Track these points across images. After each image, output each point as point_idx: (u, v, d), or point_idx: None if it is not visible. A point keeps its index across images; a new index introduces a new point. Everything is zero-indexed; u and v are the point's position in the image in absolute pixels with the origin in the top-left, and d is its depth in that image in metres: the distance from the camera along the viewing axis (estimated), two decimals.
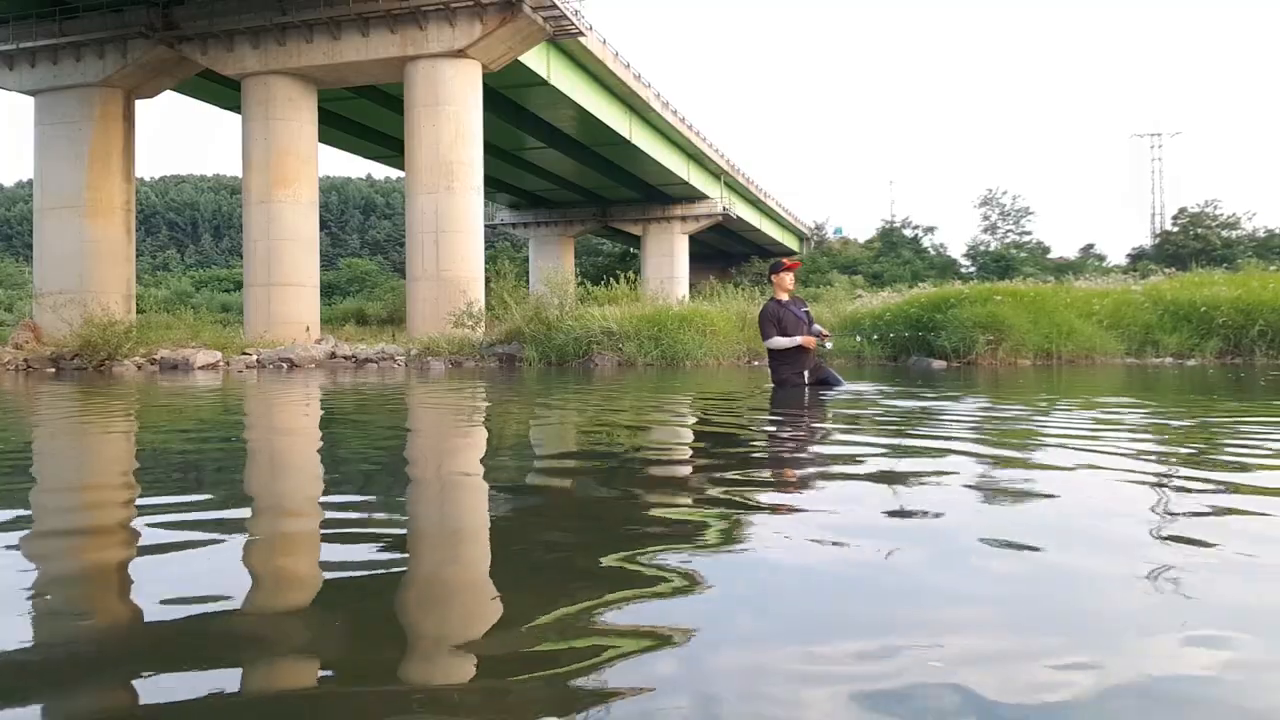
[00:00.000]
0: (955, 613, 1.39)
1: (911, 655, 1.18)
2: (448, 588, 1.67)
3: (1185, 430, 4.11)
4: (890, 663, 1.15)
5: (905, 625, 1.33)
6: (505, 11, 23.35)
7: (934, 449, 3.38)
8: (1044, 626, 1.33)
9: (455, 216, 24.39)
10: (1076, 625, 1.33)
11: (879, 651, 1.20)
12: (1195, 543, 1.80)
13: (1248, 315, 14.33)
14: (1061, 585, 1.55)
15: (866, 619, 1.37)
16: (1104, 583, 1.55)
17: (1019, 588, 1.54)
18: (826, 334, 7.08)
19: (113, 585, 1.70)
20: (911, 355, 14.60)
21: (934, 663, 1.15)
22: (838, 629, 1.33)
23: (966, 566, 1.68)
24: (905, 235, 60.89)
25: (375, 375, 13.92)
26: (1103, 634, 1.29)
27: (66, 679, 1.18)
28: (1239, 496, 2.37)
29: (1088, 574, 1.62)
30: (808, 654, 1.21)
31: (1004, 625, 1.34)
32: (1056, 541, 1.85)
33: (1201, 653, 1.20)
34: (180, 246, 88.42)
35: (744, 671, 1.15)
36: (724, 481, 2.68)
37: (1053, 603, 1.46)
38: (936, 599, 1.46)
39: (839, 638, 1.29)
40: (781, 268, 7.16)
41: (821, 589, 1.55)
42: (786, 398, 6.26)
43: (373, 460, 3.78)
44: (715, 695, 1.07)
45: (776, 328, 6.99)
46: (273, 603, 1.59)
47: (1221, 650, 1.21)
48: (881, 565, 1.66)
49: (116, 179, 26.71)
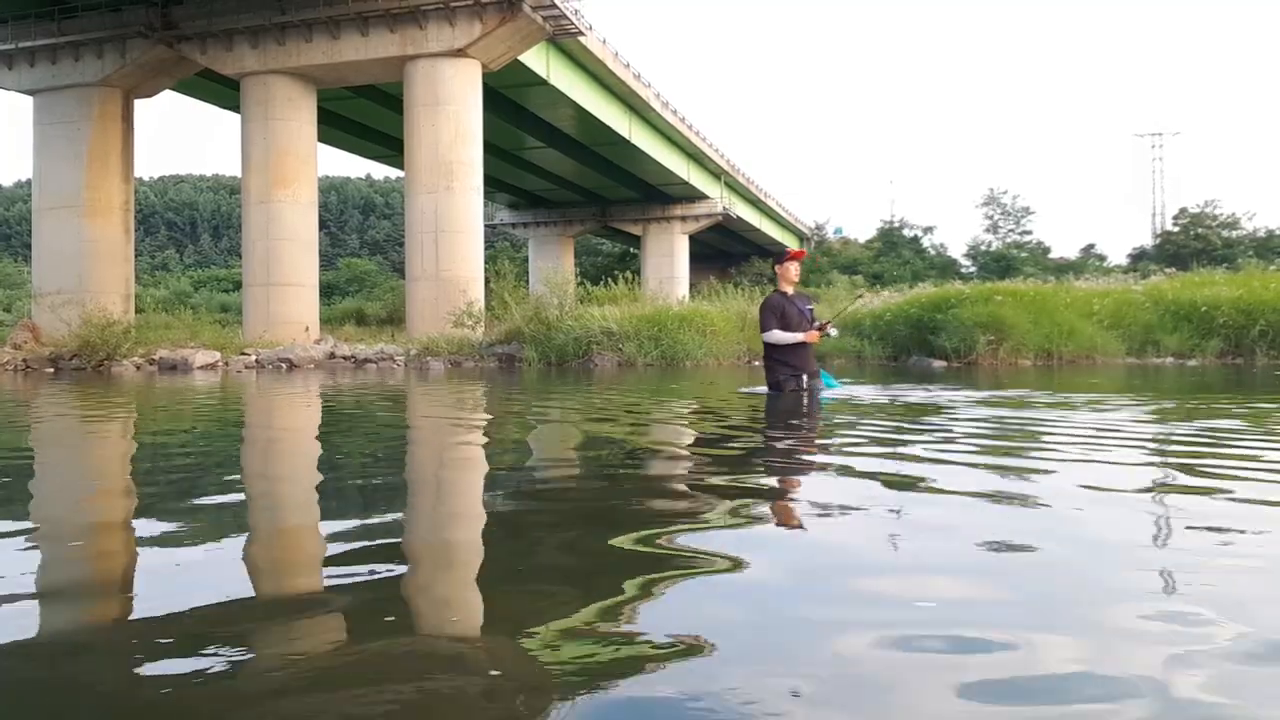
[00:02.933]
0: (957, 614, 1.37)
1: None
2: (447, 588, 1.66)
3: (1185, 429, 4.09)
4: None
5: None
6: (505, 11, 23.34)
7: (937, 457, 3.35)
8: (1045, 626, 1.31)
9: (455, 216, 24.37)
10: (1079, 627, 1.31)
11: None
12: (1199, 533, 1.78)
13: (1249, 315, 14.32)
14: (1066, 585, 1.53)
15: (860, 622, 1.35)
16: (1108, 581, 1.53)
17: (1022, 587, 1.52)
18: (829, 323, 6.67)
19: (112, 587, 1.69)
20: (912, 355, 14.59)
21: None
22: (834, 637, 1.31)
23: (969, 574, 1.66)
24: (905, 235, 60.87)
25: (374, 376, 13.90)
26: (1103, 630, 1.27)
27: (67, 680, 1.17)
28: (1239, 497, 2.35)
29: (1088, 572, 1.60)
30: (802, 674, 1.19)
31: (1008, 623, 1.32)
32: (1056, 541, 1.83)
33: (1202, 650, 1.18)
34: (179, 246, 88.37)
35: (742, 686, 1.13)
36: (719, 488, 2.66)
37: (1058, 604, 1.43)
38: (937, 611, 1.44)
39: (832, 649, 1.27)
40: (786, 257, 6.73)
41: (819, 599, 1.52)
42: (780, 405, 5.86)
43: (372, 461, 3.76)
44: (714, 708, 1.06)
45: (778, 320, 6.48)
46: (272, 603, 1.58)
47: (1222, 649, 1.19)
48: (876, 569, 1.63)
49: (115, 179, 26.69)
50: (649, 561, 1.72)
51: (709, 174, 47.82)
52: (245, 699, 1.10)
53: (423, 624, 1.44)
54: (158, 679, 1.16)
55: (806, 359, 6.55)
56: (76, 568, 1.82)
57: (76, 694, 1.13)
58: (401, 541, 2.05)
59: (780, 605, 1.45)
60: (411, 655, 1.27)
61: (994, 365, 13.17)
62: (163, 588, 1.62)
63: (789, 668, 1.15)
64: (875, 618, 1.34)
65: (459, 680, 1.17)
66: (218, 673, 1.18)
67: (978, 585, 1.53)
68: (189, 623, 1.41)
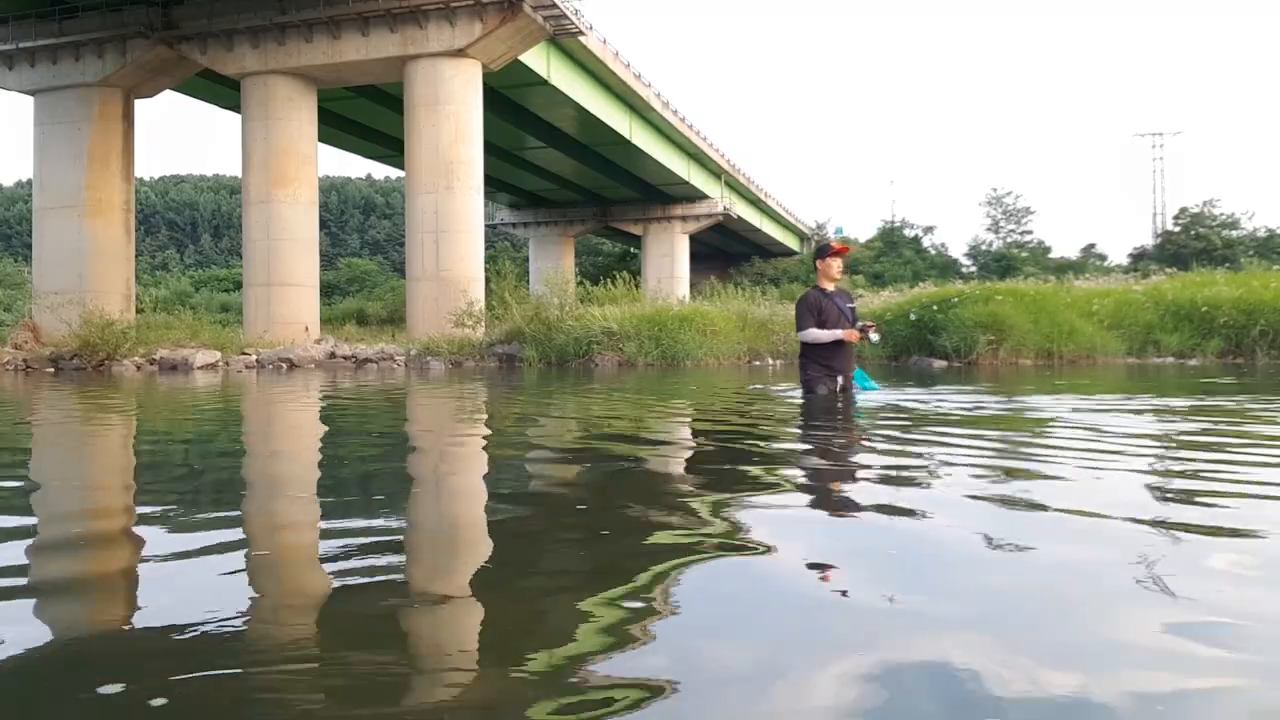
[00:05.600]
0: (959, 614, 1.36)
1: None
2: (447, 593, 1.65)
3: (1186, 429, 4.09)
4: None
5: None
6: (505, 11, 23.34)
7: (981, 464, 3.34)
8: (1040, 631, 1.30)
9: (455, 216, 24.37)
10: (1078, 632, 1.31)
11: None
12: (1192, 531, 1.77)
13: (1249, 315, 14.31)
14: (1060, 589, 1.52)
15: (857, 626, 1.34)
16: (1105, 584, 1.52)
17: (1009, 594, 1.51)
18: (872, 325, 6.14)
19: (113, 587, 1.68)
20: (912, 355, 14.58)
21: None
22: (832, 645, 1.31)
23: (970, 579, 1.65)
24: (906, 235, 60.84)
25: (375, 376, 13.90)
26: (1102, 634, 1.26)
27: (67, 681, 1.17)
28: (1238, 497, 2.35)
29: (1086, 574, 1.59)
30: (797, 685, 1.18)
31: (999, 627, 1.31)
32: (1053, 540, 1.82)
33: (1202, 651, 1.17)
34: (180, 246, 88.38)
35: (748, 688, 1.13)
36: (723, 490, 2.65)
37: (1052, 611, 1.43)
38: (938, 619, 1.43)
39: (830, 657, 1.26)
40: (829, 252, 6.19)
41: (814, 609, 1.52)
42: (814, 407, 5.53)
43: (372, 461, 3.75)
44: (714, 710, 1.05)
45: (815, 318, 5.97)
46: (272, 607, 1.57)
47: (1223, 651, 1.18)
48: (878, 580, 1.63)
49: (116, 179, 26.68)
50: (649, 562, 1.72)
51: (709, 174, 47.80)
52: (245, 699, 1.09)
53: (424, 625, 1.43)
54: (158, 679, 1.15)
55: (845, 360, 6.07)
56: (76, 568, 1.81)
57: (77, 694, 1.12)
58: (402, 540, 2.04)
59: (791, 612, 1.45)
60: (412, 655, 1.26)
61: (994, 365, 13.16)
62: (162, 588, 1.62)
63: (795, 669, 1.15)
64: (892, 626, 1.34)
65: (460, 680, 1.16)
66: (218, 672, 1.17)
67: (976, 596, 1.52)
68: (189, 623, 1.40)
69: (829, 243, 6.35)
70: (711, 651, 1.22)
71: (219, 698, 1.11)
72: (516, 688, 1.13)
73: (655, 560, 1.72)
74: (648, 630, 1.33)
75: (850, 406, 5.49)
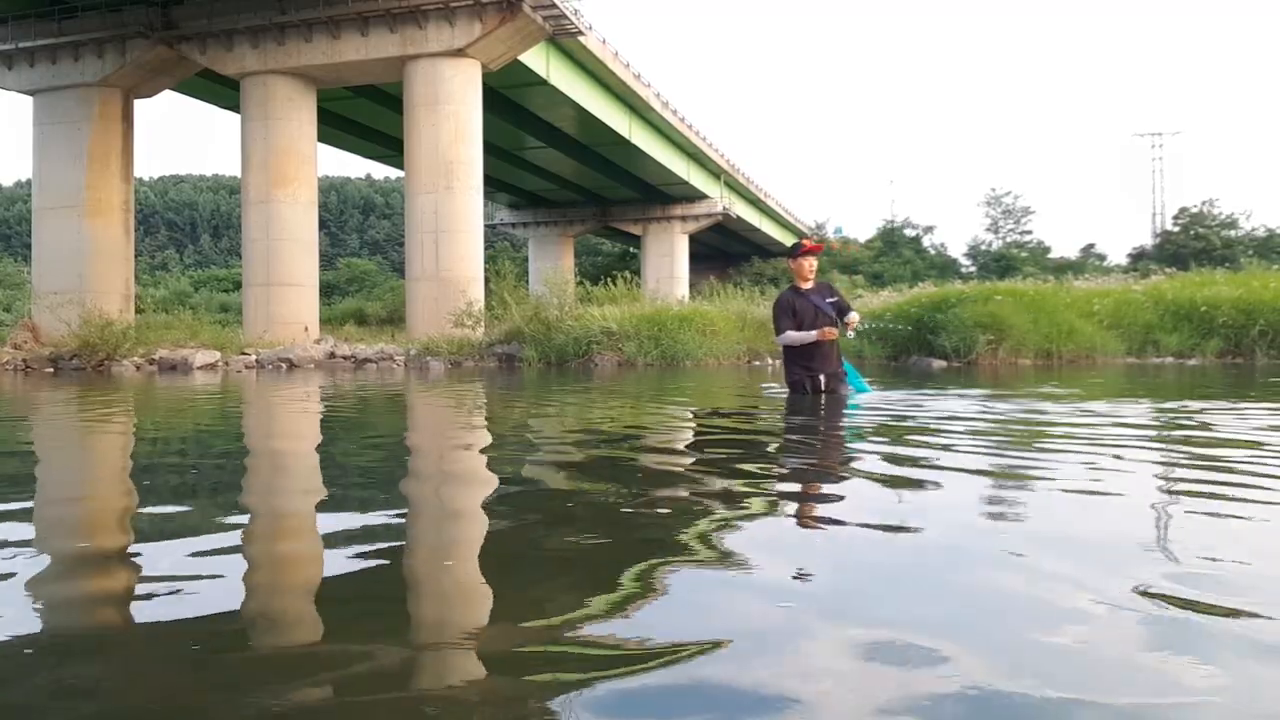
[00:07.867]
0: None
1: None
2: (447, 589, 1.65)
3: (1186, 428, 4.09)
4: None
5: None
6: (505, 11, 23.33)
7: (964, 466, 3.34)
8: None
9: (455, 216, 24.37)
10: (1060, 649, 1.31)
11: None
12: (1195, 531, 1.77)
13: (1249, 315, 14.30)
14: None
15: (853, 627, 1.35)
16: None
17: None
18: (851, 321, 6.05)
19: (112, 588, 1.68)
20: (912, 355, 14.58)
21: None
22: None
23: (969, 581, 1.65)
24: (905, 235, 60.82)
25: (374, 376, 13.90)
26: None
27: (69, 682, 1.17)
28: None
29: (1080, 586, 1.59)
30: (807, 677, 1.18)
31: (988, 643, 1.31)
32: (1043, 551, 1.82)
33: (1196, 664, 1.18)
34: (179, 246, 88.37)
35: (748, 684, 1.13)
36: (721, 490, 2.66)
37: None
38: (936, 624, 1.44)
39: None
40: (800, 251, 6.17)
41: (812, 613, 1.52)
42: (798, 405, 5.57)
43: (372, 459, 3.76)
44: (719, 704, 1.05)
45: (791, 319, 6.01)
46: (272, 604, 1.57)
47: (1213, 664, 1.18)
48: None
49: (115, 179, 26.67)
50: (649, 563, 1.72)
51: (709, 173, 47.81)
52: (245, 699, 1.09)
53: (424, 626, 1.44)
54: (158, 680, 1.16)
55: (823, 359, 6.04)
56: (75, 569, 1.81)
57: (77, 695, 1.13)
58: (403, 540, 2.05)
59: (791, 608, 1.45)
60: (412, 655, 1.26)
61: (994, 365, 13.16)
62: (162, 589, 1.62)
63: (798, 671, 1.15)
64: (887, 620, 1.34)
65: (460, 682, 1.17)
66: (217, 673, 1.18)
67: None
68: (189, 623, 1.41)
69: (800, 241, 6.35)
70: (699, 655, 1.23)
71: (218, 690, 1.11)
72: (513, 679, 1.14)
73: (651, 559, 1.72)
74: (640, 630, 1.33)
75: (836, 405, 5.46)
